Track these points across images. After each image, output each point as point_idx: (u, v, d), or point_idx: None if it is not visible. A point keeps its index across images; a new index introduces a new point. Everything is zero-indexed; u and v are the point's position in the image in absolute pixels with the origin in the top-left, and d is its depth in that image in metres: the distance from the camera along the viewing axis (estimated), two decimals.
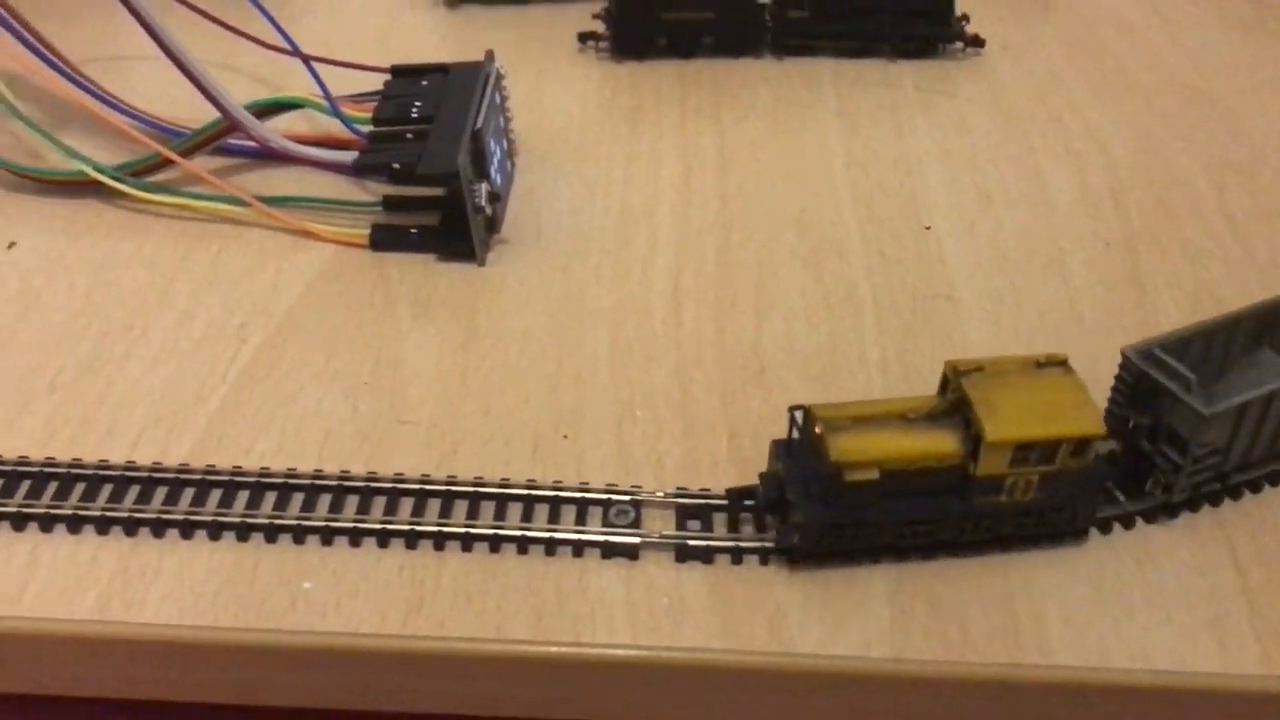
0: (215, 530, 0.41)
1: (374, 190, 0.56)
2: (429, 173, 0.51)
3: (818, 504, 0.40)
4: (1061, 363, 0.41)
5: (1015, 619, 0.40)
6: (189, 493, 0.42)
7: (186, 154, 0.54)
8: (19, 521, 0.41)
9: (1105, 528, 0.43)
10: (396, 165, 0.52)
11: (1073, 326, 0.51)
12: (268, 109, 0.56)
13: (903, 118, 0.63)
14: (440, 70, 0.57)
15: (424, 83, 0.56)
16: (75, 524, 0.41)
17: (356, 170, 0.54)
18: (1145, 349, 0.42)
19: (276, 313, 0.50)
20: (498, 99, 0.56)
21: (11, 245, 0.53)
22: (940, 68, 0.67)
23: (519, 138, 0.60)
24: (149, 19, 0.51)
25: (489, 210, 0.53)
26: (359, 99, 0.57)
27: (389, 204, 0.55)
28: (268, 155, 0.56)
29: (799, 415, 0.41)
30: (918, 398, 0.41)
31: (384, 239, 0.54)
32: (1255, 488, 0.44)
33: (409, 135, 0.54)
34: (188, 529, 0.41)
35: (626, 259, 0.54)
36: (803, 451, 0.41)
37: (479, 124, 0.53)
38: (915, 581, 0.41)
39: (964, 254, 0.55)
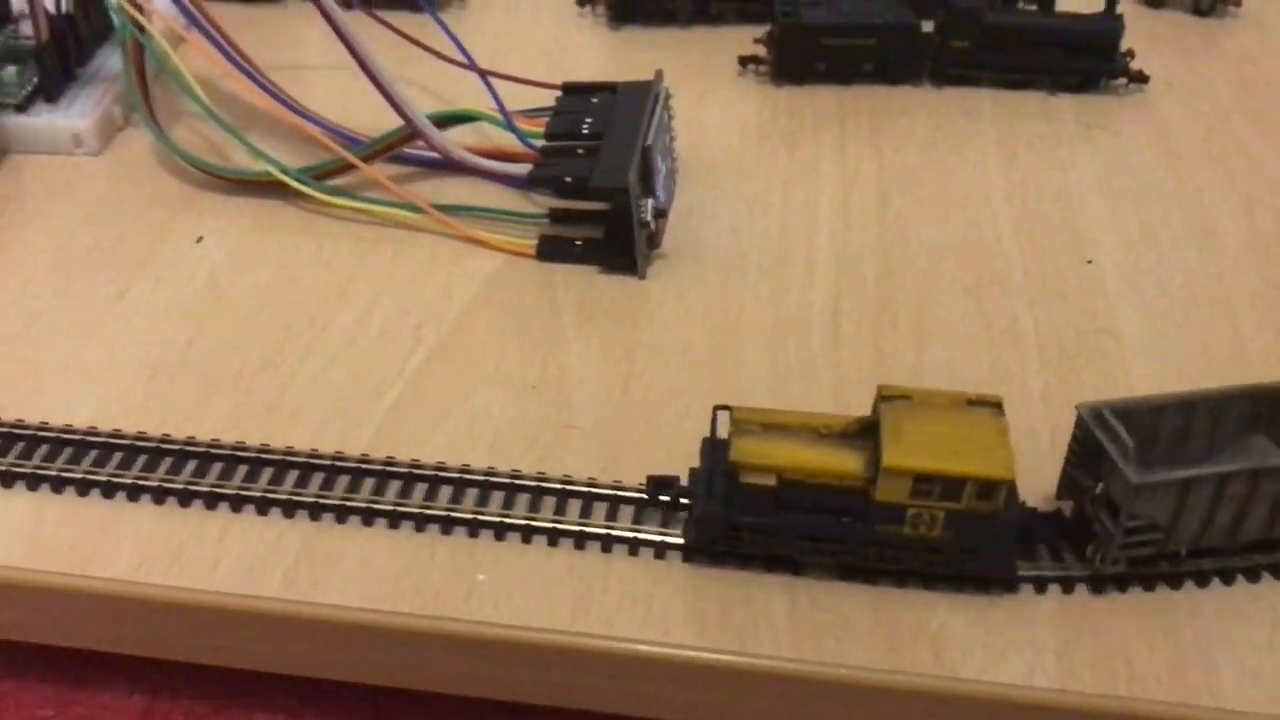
0: (395, 519, 0.43)
1: (539, 202, 0.58)
2: (600, 187, 0.53)
3: (717, 503, 0.40)
4: (995, 404, 0.41)
5: (1184, 659, 0.39)
6: (369, 482, 0.44)
7: (367, 160, 0.57)
8: (211, 501, 0.43)
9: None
10: (569, 179, 0.54)
11: (1238, 369, 0.50)
12: (445, 120, 0.58)
13: (1064, 151, 0.63)
14: (609, 89, 0.59)
15: (594, 100, 0.58)
16: (263, 506, 0.43)
17: (529, 183, 0.56)
18: (1096, 409, 0.41)
19: (448, 316, 0.52)
20: (665, 118, 0.58)
21: (200, 240, 0.56)
22: (1102, 103, 0.67)
23: (680, 156, 0.61)
24: (345, 30, 0.54)
25: (653, 226, 0.54)
26: (530, 114, 0.59)
27: (555, 216, 0.57)
28: (443, 165, 0.58)
29: (722, 414, 0.41)
30: (838, 416, 0.41)
31: (550, 250, 0.55)
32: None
33: (580, 151, 0.55)
34: (369, 516, 0.43)
35: (785, 279, 0.54)
36: (719, 450, 0.41)
37: (649, 141, 0.54)
38: (1081, 614, 0.41)
39: (1127, 291, 0.54)
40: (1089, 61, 0.67)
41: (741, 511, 0.40)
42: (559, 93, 0.60)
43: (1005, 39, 0.66)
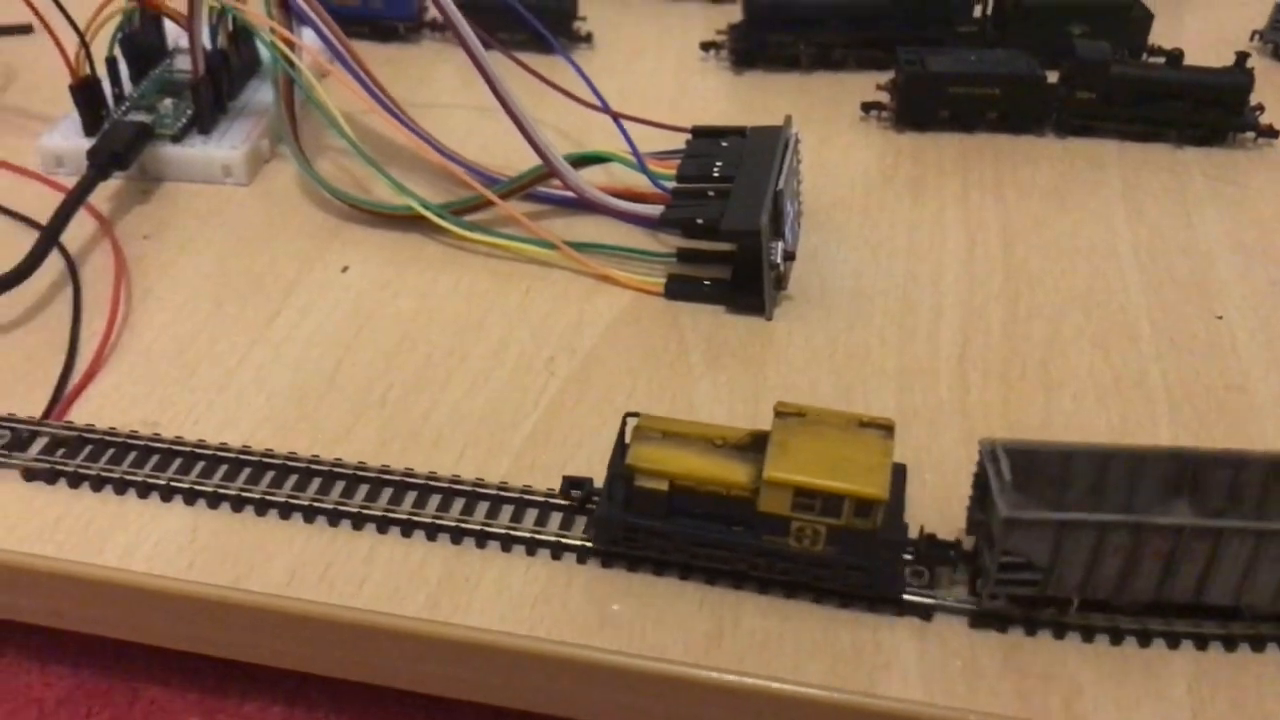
0: (532, 547, 0.44)
1: (666, 242, 0.59)
2: (732, 229, 0.54)
3: (616, 505, 0.42)
4: (885, 427, 0.42)
5: None
6: (507, 509, 0.45)
7: (504, 197, 0.59)
8: (359, 521, 0.45)
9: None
10: (700, 220, 0.55)
11: None
12: (579, 161, 0.60)
13: (1190, 205, 0.63)
14: (738, 133, 0.60)
15: (724, 144, 0.59)
16: (408, 528, 0.45)
17: (661, 223, 0.57)
18: (992, 444, 0.42)
19: (580, 350, 0.53)
20: (794, 162, 0.59)
21: (345, 269, 0.58)
22: (1229, 157, 0.66)
23: (803, 199, 0.62)
24: (490, 71, 0.56)
25: (781, 267, 0.55)
26: (661, 156, 0.60)
27: (683, 256, 0.58)
28: (574, 204, 0.60)
29: (633, 420, 0.43)
30: (735, 429, 0.43)
31: (678, 289, 0.57)
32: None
33: (711, 193, 0.56)
34: (508, 543, 0.44)
35: (911, 324, 0.55)
36: (622, 455, 0.43)
37: (780, 185, 0.55)
38: (1217, 674, 0.41)
39: (1258, 348, 0.54)
40: (1217, 115, 0.66)
41: (637, 514, 0.42)
42: (688, 135, 0.61)
43: (1132, 91, 0.66)
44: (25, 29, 0.76)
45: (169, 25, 0.68)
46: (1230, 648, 0.41)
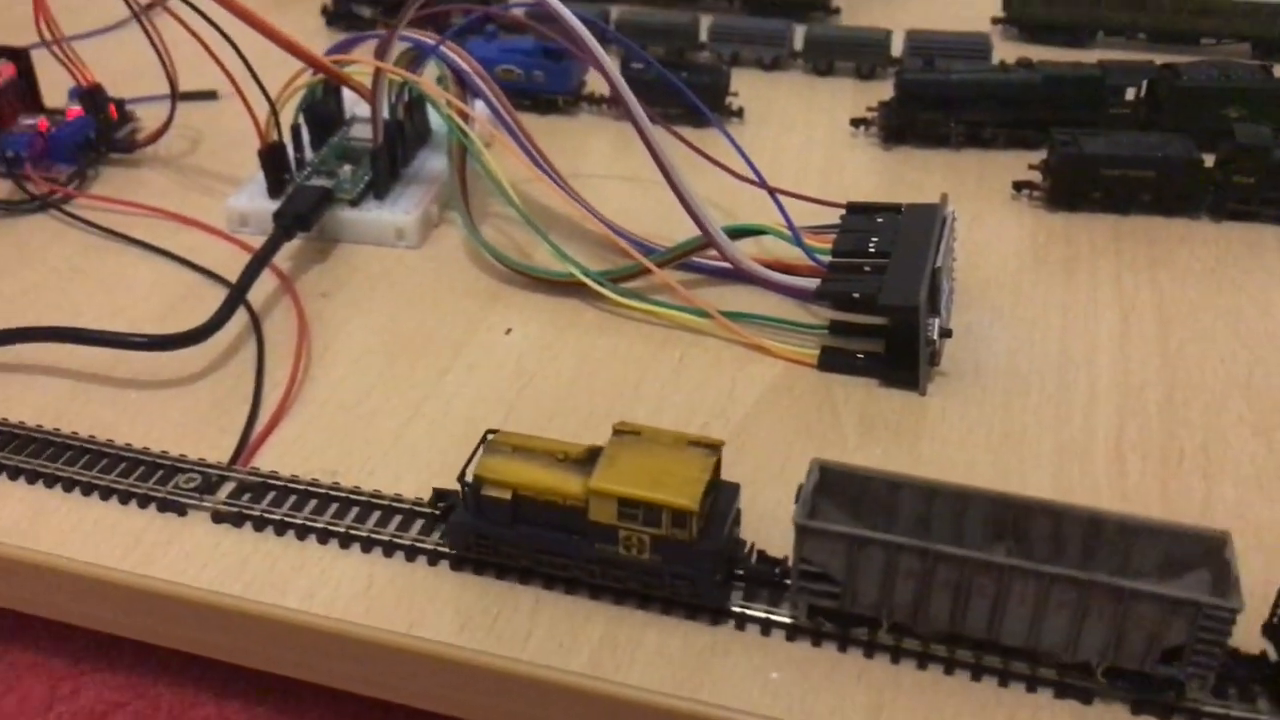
0: (691, 611, 0.45)
1: (818, 314, 0.61)
2: (889, 304, 0.55)
3: (469, 513, 0.46)
4: (713, 446, 0.45)
5: None
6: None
7: (661, 266, 0.61)
8: (525, 576, 0.47)
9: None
10: (857, 295, 0.56)
11: None
12: (736, 233, 0.61)
13: None
14: (894, 209, 0.61)
15: (879, 219, 0.61)
16: (572, 586, 0.46)
17: (819, 296, 0.59)
18: (815, 463, 0.44)
19: (734, 418, 0.55)
20: (950, 240, 0.60)
21: (509, 331, 0.60)
22: None
23: (955, 276, 0.63)
24: (656, 146, 0.59)
25: (937, 344, 0.56)
26: (816, 230, 0.62)
27: (835, 328, 0.59)
28: (726, 274, 0.62)
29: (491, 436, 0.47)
30: (577, 444, 0.46)
31: (831, 361, 0.58)
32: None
33: (867, 268, 0.58)
34: (668, 605, 0.46)
35: (1067, 404, 0.55)
36: None
37: (938, 262, 0.56)
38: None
39: None
40: None
41: (487, 522, 0.45)
42: (840, 211, 0.63)
43: None
44: (211, 95, 0.81)
45: (346, 95, 0.72)
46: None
